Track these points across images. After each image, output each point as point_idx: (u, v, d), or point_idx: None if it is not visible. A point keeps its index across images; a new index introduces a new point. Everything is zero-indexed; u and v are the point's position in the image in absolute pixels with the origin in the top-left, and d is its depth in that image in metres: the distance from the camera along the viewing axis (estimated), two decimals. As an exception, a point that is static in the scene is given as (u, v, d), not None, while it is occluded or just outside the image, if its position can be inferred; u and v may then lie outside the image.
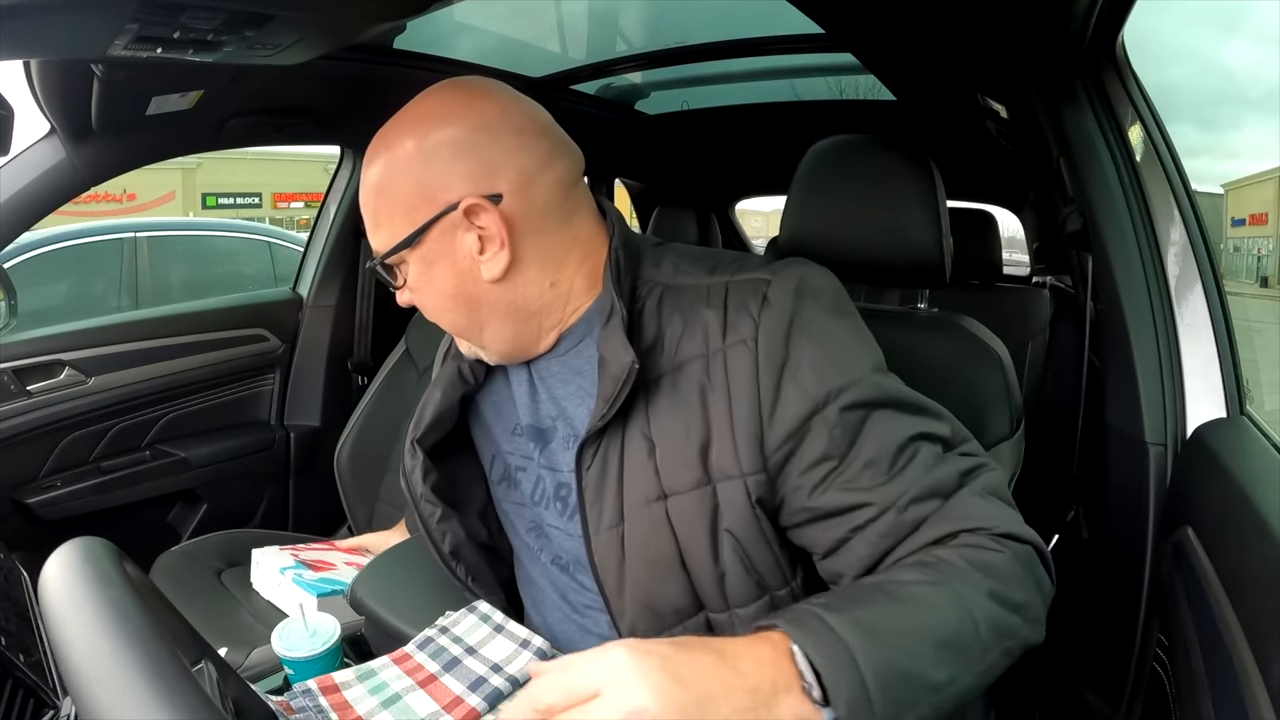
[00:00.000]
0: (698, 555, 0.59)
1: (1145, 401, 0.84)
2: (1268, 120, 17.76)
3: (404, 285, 0.66)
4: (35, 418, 1.48)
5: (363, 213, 0.66)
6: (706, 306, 0.61)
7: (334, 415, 1.80)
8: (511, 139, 0.61)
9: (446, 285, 0.64)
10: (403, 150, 0.61)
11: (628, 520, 0.61)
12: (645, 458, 0.60)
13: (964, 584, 0.51)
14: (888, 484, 0.57)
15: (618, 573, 0.62)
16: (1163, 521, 0.81)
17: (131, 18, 0.80)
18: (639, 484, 0.61)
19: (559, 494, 0.68)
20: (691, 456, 0.59)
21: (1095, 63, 0.88)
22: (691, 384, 0.60)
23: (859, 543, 0.57)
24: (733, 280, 0.62)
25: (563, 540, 0.69)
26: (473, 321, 0.66)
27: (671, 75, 2.04)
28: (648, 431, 0.61)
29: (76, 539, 0.44)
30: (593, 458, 0.62)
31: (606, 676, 0.42)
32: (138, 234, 3.79)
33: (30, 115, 1.19)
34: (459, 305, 0.65)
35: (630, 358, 0.58)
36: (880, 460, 0.57)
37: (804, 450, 0.58)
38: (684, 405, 0.60)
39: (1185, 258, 0.85)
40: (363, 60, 1.48)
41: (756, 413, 0.58)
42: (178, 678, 0.36)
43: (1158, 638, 0.76)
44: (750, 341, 0.58)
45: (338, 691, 0.64)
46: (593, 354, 0.64)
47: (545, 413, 0.69)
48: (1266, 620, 0.53)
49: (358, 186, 0.67)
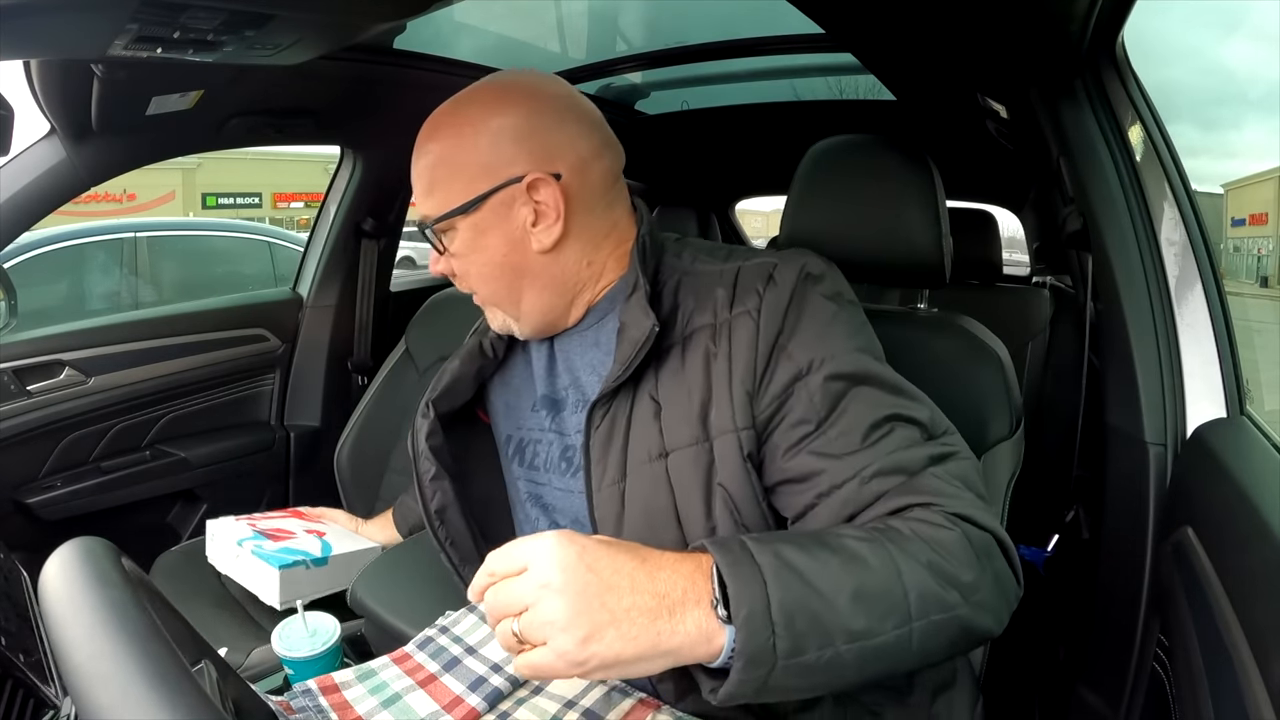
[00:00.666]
0: (692, 510, 0.63)
1: (1145, 401, 0.84)
2: (1268, 120, 17.76)
3: (446, 251, 0.71)
4: (35, 418, 1.47)
5: (414, 180, 0.71)
6: (719, 286, 0.67)
7: (334, 415, 1.80)
8: (573, 126, 0.69)
9: (496, 253, 0.69)
10: (471, 128, 0.67)
11: (630, 477, 0.65)
12: (651, 418, 0.65)
13: (900, 549, 0.52)
14: (855, 454, 0.59)
15: (615, 527, 0.65)
16: (1163, 521, 0.81)
17: (131, 18, 0.80)
18: (643, 443, 0.65)
19: (565, 455, 0.73)
20: (693, 415, 0.64)
21: (1095, 63, 0.88)
22: (699, 351, 0.65)
23: (823, 509, 0.60)
24: (744, 265, 0.68)
25: (564, 500, 0.73)
26: (514, 290, 0.71)
27: (671, 75, 2.04)
28: (656, 394, 0.66)
29: (76, 539, 0.44)
30: (602, 418, 0.66)
31: (533, 555, 0.48)
32: (138, 234, 3.79)
33: (30, 115, 1.19)
34: (504, 273, 0.70)
35: (651, 321, 0.63)
36: (853, 431, 0.60)
37: (786, 412, 0.62)
38: (690, 369, 0.65)
39: (1185, 258, 0.85)
40: (363, 60, 1.48)
41: (752, 374, 0.62)
42: (178, 678, 0.36)
43: (1158, 638, 0.76)
44: (754, 313, 0.64)
45: (338, 691, 0.64)
46: (613, 327, 0.70)
47: (560, 384, 0.75)
48: (1266, 620, 0.53)
49: (358, 186, 0.69)
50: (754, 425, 0.62)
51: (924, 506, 0.56)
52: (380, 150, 1.81)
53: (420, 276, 2.46)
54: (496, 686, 0.64)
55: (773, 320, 0.63)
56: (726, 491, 0.62)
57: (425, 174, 0.70)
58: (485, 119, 0.67)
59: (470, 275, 0.72)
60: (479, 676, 0.65)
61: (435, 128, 0.70)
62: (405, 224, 1.99)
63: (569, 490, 0.72)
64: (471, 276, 0.72)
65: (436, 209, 0.69)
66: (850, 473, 0.59)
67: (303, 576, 1.03)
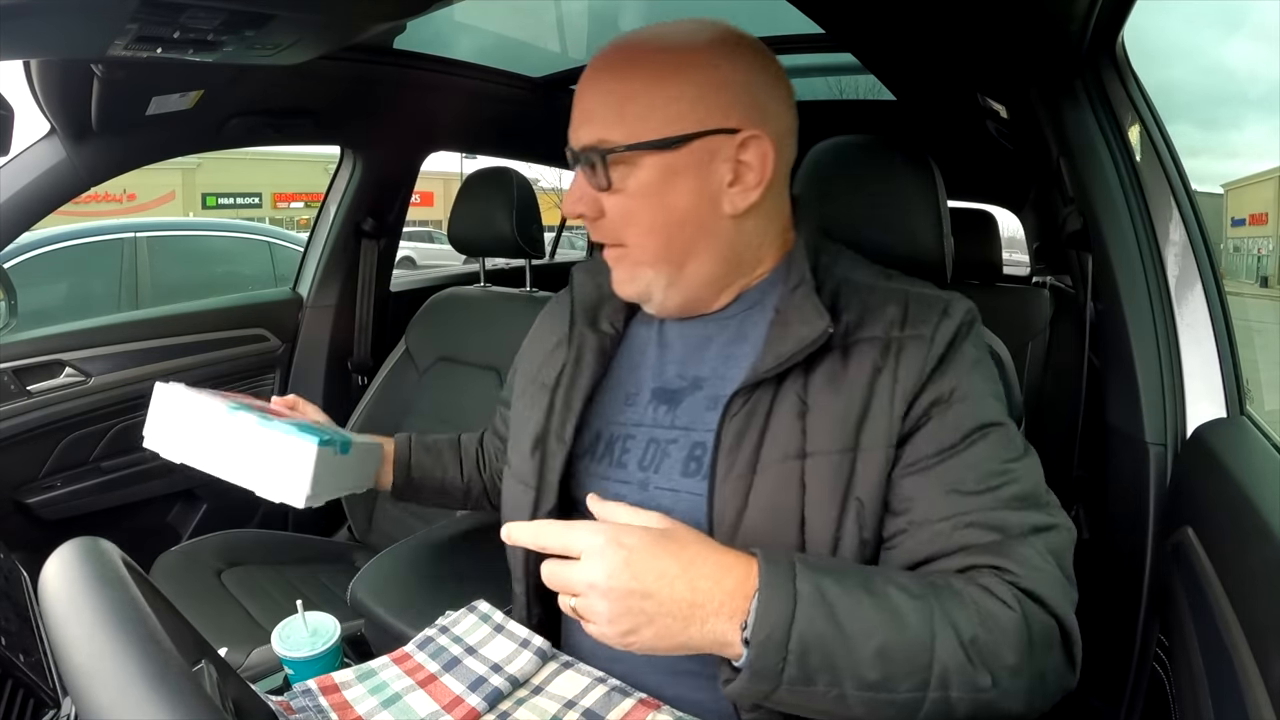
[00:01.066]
0: (821, 517, 0.61)
1: (1145, 401, 0.84)
2: (1269, 119, 17.77)
3: (610, 188, 0.64)
4: (35, 418, 1.48)
5: (589, 101, 0.64)
6: (890, 304, 0.66)
7: (334, 415, 1.78)
8: (784, 95, 0.66)
9: (682, 201, 0.64)
10: (689, 64, 0.62)
11: (759, 473, 0.63)
12: (795, 417, 0.63)
13: (946, 616, 0.52)
14: (960, 497, 0.58)
15: (734, 525, 0.62)
16: (1163, 521, 0.81)
17: (131, 18, 0.80)
18: (781, 440, 0.63)
19: (692, 454, 0.67)
20: (846, 423, 0.62)
21: (1095, 63, 0.88)
22: (864, 362, 0.63)
23: (908, 540, 0.59)
24: (911, 290, 0.67)
25: (668, 501, 0.67)
26: (684, 251, 0.66)
27: (671, 75, 2.03)
28: (803, 394, 0.63)
29: (76, 539, 0.44)
30: (739, 409, 0.64)
31: (586, 547, 0.52)
32: (138, 234, 3.79)
33: (30, 115, 1.19)
34: (682, 229, 0.65)
35: (825, 323, 0.62)
36: (966, 474, 0.59)
37: (916, 433, 0.62)
38: (852, 378, 0.63)
39: (1185, 258, 0.85)
40: (363, 60, 1.48)
41: (911, 396, 0.62)
42: (178, 678, 0.36)
43: (1158, 638, 0.76)
44: (927, 339, 0.63)
45: (338, 691, 0.64)
46: (763, 318, 0.68)
47: (670, 373, 0.71)
48: (1266, 620, 0.53)
49: (358, 186, 0.68)
50: (897, 444, 0.62)
51: (998, 574, 0.56)
52: (380, 150, 1.81)
53: (420, 276, 2.46)
54: (496, 686, 0.64)
55: (938, 350, 0.63)
56: (862, 504, 0.61)
57: (613, 98, 0.63)
58: (708, 60, 0.63)
59: (631, 222, 0.65)
60: (479, 676, 0.65)
61: (637, 52, 0.64)
62: (405, 224, 2.00)
63: (677, 490, 0.67)
64: (632, 224, 0.65)
65: (625, 136, 0.62)
66: (947, 513, 0.58)
67: (331, 464, 0.76)
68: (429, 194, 15.18)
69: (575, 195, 0.66)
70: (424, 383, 1.57)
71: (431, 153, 1.97)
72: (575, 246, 6.72)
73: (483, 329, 1.51)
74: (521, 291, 1.56)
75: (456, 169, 11.32)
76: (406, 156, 1.90)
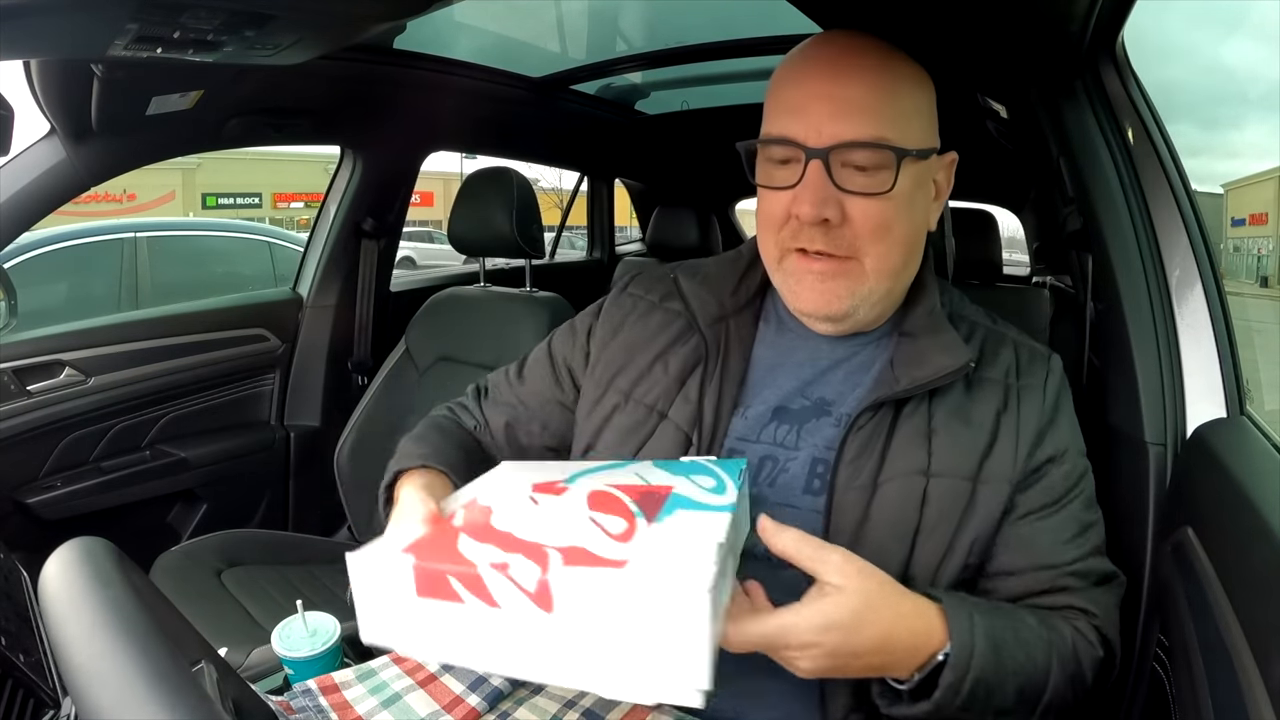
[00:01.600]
0: (935, 539, 0.64)
1: (1145, 401, 0.83)
2: (1269, 119, 17.76)
3: (880, 193, 0.60)
4: (35, 418, 1.47)
5: (858, 88, 0.60)
6: (1003, 348, 0.70)
7: (334, 415, 1.80)
8: None
9: (920, 215, 0.66)
10: (923, 77, 0.66)
11: (881, 486, 0.64)
12: (920, 436, 0.65)
13: (1060, 658, 0.61)
14: (1063, 547, 0.66)
15: (853, 533, 0.63)
16: (1163, 521, 0.80)
17: (131, 18, 0.80)
18: (904, 457, 0.64)
19: (814, 470, 0.67)
20: (972, 451, 0.65)
21: (1095, 63, 0.88)
22: (990, 401, 0.67)
23: (1015, 581, 0.65)
24: (1019, 339, 0.72)
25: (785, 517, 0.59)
26: (907, 265, 0.66)
27: (671, 75, 2.04)
28: (928, 417, 0.66)
29: (76, 539, 0.44)
30: (864, 425, 0.65)
31: (809, 640, 0.51)
32: (138, 234, 3.80)
33: (30, 115, 1.19)
34: (916, 241, 0.66)
35: (969, 357, 0.65)
36: (1069, 524, 0.66)
37: (1032, 486, 0.66)
38: (978, 413, 0.66)
39: (1185, 258, 0.85)
40: (363, 60, 1.48)
41: (1031, 445, 0.66)
42: (178, 678, 0.36)
43: (1158, 638, 0.76)
44: (1041, 390, 0.68)
45: (338, 691, 0.64)
46: (886, 343, 0.70)
47: (798, 392, 0.70)
48: (1266, 620, 0.53)
49: (358, 186, 0.67)
50: (1017, 486, 0.65)
51: (1088, 618, 0.65)
52: (380, 150, 1.81)
53: (420, 276, 2.46)
54: (496, 686, 0.64)
55: (1051, 402, 0.68)
56: (976, 536, 0.64)
57: (886, 95, 0.61)
58: (925, 78, 0.66)
59: (883, 233, 0.62)
60: (479, 676, 0.65)
61: (893, 55, 0.63)
62: (405, 224, 2.00)
63: (797, 508, 0.66)
64: (884, 235, 0.62)
65: (901, 138, 0.60)
66: (1052, 561, 0.65)
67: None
68: (429, 194, 15.18)
69: (821, 196, 0.60)
70: (424, 383, 1.57)
71: (431, 153, 1.97)
72: (575, 246, 6.71)
73: (483, 329, 1.52)
74: (521, 291, 1.56)
75: (456, 169, 11.31)
76: (406, 156, 1.90)
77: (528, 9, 1.70)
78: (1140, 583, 0.80)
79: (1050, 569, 0.65)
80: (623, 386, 0.73)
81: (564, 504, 0.51)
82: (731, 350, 0.71)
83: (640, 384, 0.73)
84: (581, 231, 3.19)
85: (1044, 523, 0.66)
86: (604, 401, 0.74)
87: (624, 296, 0.80)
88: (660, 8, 1.81)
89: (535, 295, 1.52)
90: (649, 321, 0.76)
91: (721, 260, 0.78)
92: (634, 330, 0.76)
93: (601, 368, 0.75)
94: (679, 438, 0.69)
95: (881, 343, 0.71)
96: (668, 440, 0.69)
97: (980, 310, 0.75)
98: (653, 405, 0.71)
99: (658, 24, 1.85)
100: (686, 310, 0.74)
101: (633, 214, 3.20)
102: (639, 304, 0.78)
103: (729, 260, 0.77)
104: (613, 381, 0.74)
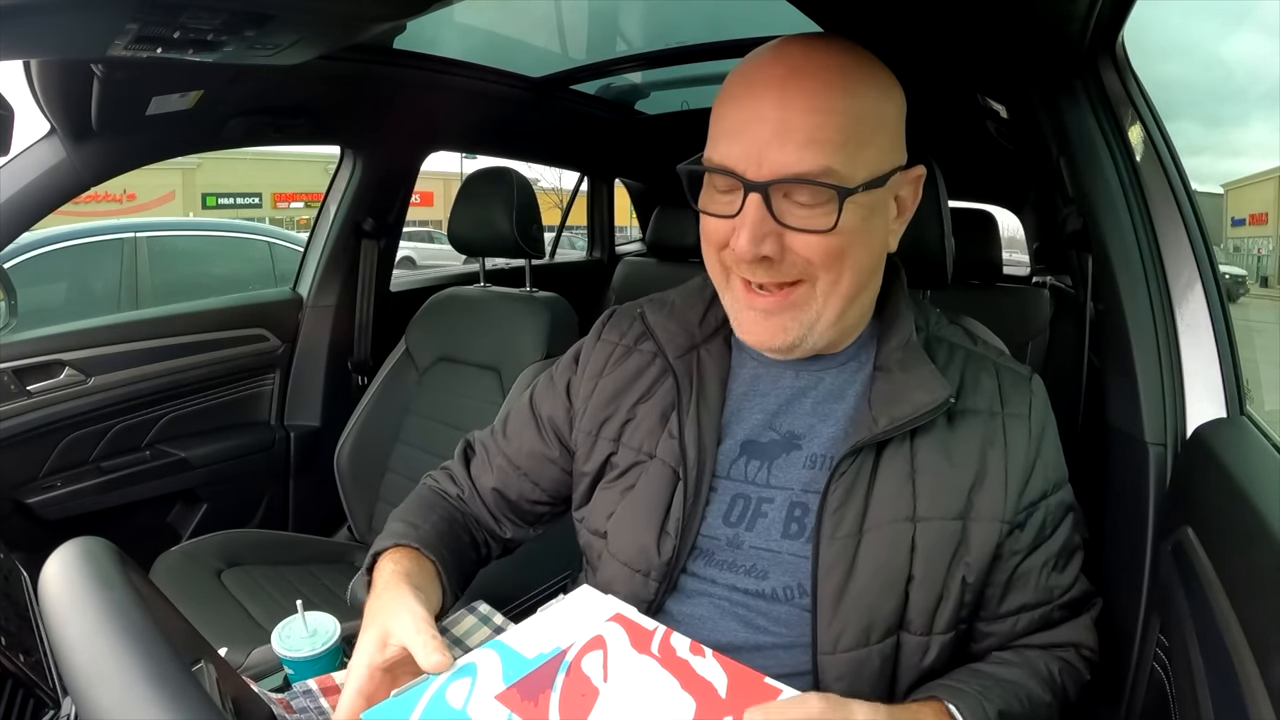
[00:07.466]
0: (929, 580, 0.62)
1: (1145, 401, 0.83)
2: (1272, 116, 17.73)
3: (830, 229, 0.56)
4: (35, 418, 1.48)
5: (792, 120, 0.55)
6: (983, 373, 0.68)
7: (334, 415, 1.80)
8: None
9: (875, 240, 0.61)
10: (883, 93, 0.59)
11: (867, 534, 0.62)
12: (903, 479, 0.63)
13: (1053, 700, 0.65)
14: (1054, 574, 0.67)
15: (839, 587, 0.61)
16: (1163, 521, 0.80)
17: (131, 18, 0.80)
18: (889, 503, 0.62)
19: (793, 514, 0.65)
20: (958, 490, 0.63)
21: (1095, 62, 0.88)
22: (974, 433, 0.65)
23: (1007, 624, 0.67)
24: (999, 362, 0.70)
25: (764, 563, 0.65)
26: (860, 292, 0.62)
27: (671, 75, 2.04)
28: (910, 458, 0.63)
29: (76, 539, 0.44)
30: (845, 471, 0.63)
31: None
32: (138, 234, 3.79)
33: (30, 115, 1.19)
34: (872, 269, 0.63)
35: (948, 393, 0.63)
36: (1059, 556, 0.67)
37: (1026, 522, 0.65)
38: (961, 447, 0.64)
39: (1185, 258, 0.85)
40: (363, 60, 1.48)
41: (1022, 479, 0.65)
42: (178, 678, 0.36)
43: (1158, 638, 0.76)
44: (1025, 419, 0.66)
45: (338, 692, 0.64)
46: (859, 371, 0.68)
47: (766, 424, 0.67)
48: (1266, 620, 0.53)
49: (358, 186, 0.67)
50: (1008, 528, 0.64)
51: (1077, 650, 0.68)
52: (380, 150, 1.81)
53: (420, 276, 2.46)
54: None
55: (1036, 431, 0.66)
56: (970, 571, 0.63)
57: (833, 118, 0.55)
58: (890, 90, 0.59)
59: (834, 263, 0.58)
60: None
61: (851, 70, 0.57)
62: (405, 224, 2.00)
63: (777, 551, 0.64)
64: (835, 264, 0.58)
65: (848, 166, 0.55)
66: (1044, 598, 0.66)
67: None
68: (429, 194, 15.20)
69: (760, 233, 0.56)
70: (424, 382, 1.57)
71: (431, 153, 1.97)
72: (575, 246, 6.71)
73: (482, 329, 1.52)
74: (521, 291, 1.56)
75: (456, 169, 11.33)
76: (406, 156, 1.90)
77: (528, 9, 1.70)
78: (1140, 583, 0.80)
79: (1043, 606, 0.67)
80: (610, 435, 0.73)
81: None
82: (707, 380, 0.69)
83: (627, 429, 0.72)
84: (581, 231, 3.19)
85: (1036, 556, 0.66)
86: (596, 451, 0.73)
87: (600, 344, 0.78)
88: (660, 8, 1.81)
89: (535, 295, 1.52)
90: (626, 366, 0.75)
91: (686, 290, 0.77)
92: (614, 377, 0.75)
93: (588, 419, 0.75)
94: (668, 475, 0.68)
95: (848, 367, 0.68)
96: (657, 479, 0.68)
97: (959, 331, 0.72)
98: (639, 447, 0.71)
99: (658, 24, 1.85)
100: (658, 347, 0.72)
101: (633, 214, 3.20)
102: (615, 349, 0.77)
103: (694, 289, 0.76)
104: (601, 430, 0.74)
